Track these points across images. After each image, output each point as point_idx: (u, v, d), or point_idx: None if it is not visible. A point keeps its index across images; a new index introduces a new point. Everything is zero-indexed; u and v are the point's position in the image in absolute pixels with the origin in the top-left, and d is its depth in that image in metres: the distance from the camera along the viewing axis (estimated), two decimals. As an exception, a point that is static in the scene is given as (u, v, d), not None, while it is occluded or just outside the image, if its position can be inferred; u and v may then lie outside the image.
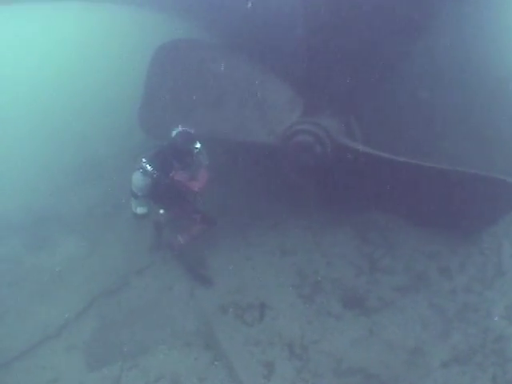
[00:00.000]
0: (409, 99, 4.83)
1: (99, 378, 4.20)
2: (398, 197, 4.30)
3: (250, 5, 4.32)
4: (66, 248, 5.65)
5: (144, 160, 4.25)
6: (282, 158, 4.38)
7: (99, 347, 4.45)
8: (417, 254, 4.54)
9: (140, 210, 4.54)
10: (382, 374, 3.75)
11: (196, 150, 4.30)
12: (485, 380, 3.61)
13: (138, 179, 4.25)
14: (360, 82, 4.18)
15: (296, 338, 4.09)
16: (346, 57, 4.11)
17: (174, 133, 4.30)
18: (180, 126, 4.30)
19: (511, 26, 4.98)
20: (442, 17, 4.42)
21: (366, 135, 4.45)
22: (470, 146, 4.73)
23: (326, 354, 3.94)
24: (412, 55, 4.44)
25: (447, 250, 4.48)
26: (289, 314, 4.30)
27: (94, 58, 8.13)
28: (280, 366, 3.93)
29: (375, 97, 4.49)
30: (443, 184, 4.01)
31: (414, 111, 4.83)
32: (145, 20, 6.64)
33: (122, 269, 5.13)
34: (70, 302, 4.84)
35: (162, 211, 4.64)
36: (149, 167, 4.21)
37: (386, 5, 3.99)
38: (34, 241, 5.85)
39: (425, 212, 4.32)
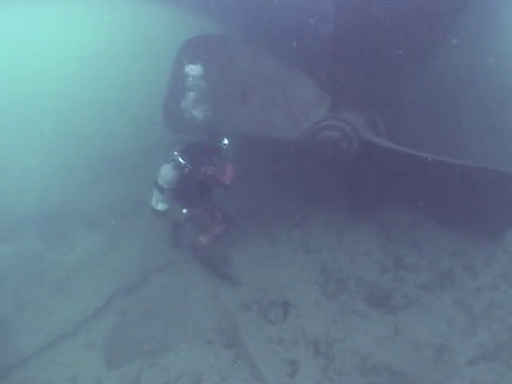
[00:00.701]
0: (432, 96, 4.84)
1: (118, 375, 4.12)
2: (423, 194, 4.30)
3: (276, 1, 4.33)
4: (85, 244, 5.58)
5: (176, 153, 4.20)
6: (307, 155, 4.37)
7: (119, 345, 4.37)
8: (442, 252, 4.54)
9: (161, 206, 4.48)
10: (407, 372, 3.73)
11: (224, 147, 4.27)
12: (511, 377, 3.60)
13: (167, 172, 4.20)
14: (385, 79, 4.19)
15: (320, 337, 4.05)
16: (371, 53, 4.12)
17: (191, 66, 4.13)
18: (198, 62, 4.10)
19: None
20: (463, 17, 4.46)
21: (390, 131, 4.46)
22: (495, 144, 4.75)
23: (350, 353, 3.91)
24: (437, 53, 4.46)
25: (472, 248, 4.49)
26: (313, 312, 4.27)
27: (114, 55, 8.10)
28: (304, 364, 3.88)
29: (400, 93, 4.50)
30: (468, 182, 4.01)
31: (437, 108, 4.85)
32: (165, 15, 6.63)
33: (142, 266, 5.07)
34: (88, 299, 4.77)
35: (184, 211, 4.56)
36: (181, 160, 4.16)
37: (413, 3, 4.02)
38: (53, 237, 5.76)
39: (450, 210, 4.33)
